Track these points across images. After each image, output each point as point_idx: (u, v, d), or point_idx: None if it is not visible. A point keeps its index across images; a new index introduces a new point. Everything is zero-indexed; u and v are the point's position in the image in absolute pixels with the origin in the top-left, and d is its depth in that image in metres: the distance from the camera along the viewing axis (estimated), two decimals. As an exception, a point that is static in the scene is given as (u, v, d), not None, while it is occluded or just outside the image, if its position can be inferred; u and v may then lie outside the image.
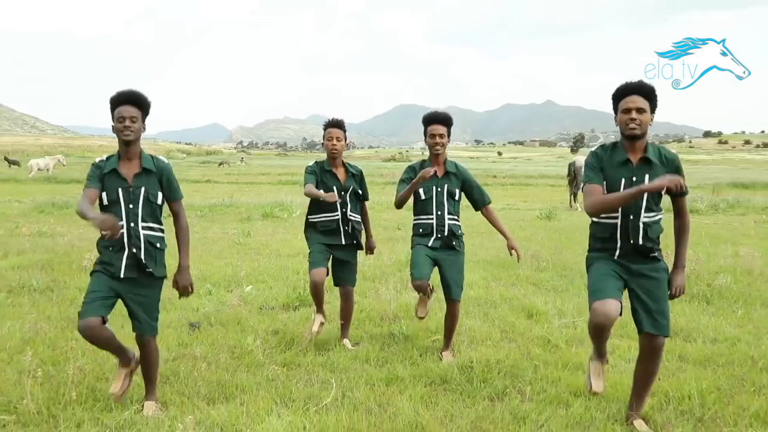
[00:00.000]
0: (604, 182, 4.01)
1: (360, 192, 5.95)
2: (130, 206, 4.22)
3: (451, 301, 5.61)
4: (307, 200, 5.87)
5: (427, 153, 5.77)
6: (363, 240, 6.15)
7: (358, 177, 5.93)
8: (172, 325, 6.49)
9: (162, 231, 4.41)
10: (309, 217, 5.90)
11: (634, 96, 3.92)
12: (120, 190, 4.22)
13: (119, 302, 4.31)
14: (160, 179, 4.36)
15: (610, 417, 4.31)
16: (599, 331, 4.02)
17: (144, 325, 4.33)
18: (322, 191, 5.57)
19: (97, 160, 4.34)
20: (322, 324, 5.81)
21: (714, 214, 19.46)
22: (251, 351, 5.62)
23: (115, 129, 4.22)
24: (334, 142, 5.70)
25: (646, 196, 3.92)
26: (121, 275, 4.19)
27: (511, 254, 5.73)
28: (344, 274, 5.95)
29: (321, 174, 5.81)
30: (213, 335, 6.17)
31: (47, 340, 5.93)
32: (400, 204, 5.61)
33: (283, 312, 7.14)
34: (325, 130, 5.78)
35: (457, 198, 5.60)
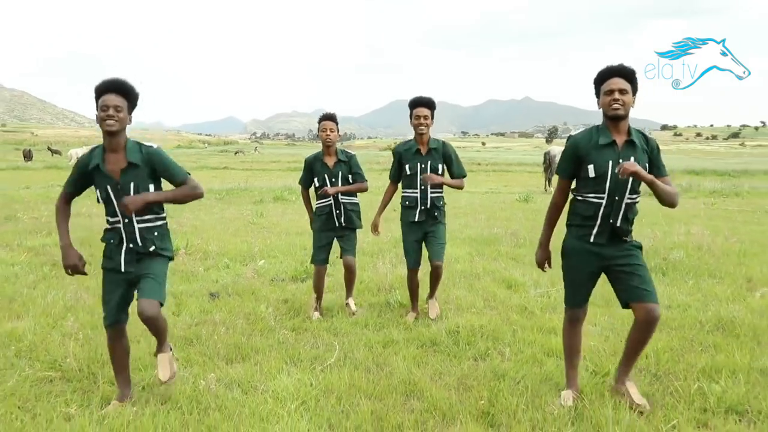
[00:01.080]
0: (591, 165, 3.70)
1: (350, 176, 5.85)
2: (133, 196, 3.69)
3: (434, 264, 5.68)
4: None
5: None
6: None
7: (347, 163, 5.84)
8: (195, 295, 6.51)
9: (162, 219, 3.90)
10: (314, 202, 5.94)
11: (615, 78, 3.67)
12: (108, 187, 3.72)
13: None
14: (153, 169, 3.75)
15: (579, 374, 4.31)
16: (570, 331, 4.00)
17: (146, 291, 3.73)
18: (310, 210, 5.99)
19: (80, 154, 3.85)
20: (318, 318, 5.77)
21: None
22: (264, 317, 5.64)
23: (98, 118, 3.62)
24: (328, 132, 5.68)
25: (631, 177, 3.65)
26: (122, 270, 3.79)
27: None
28: (345, 245, 5.92)
29: (314, 163, 5.83)
30: (230, 304, 6.19)
31: (86, 308, 5.97)
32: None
33: (291, 283, 7.17)
34: (320, 122, 5.76)
35: (439, 173, 5.62)
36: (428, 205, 5.60)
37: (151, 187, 3.77)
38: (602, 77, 3.73)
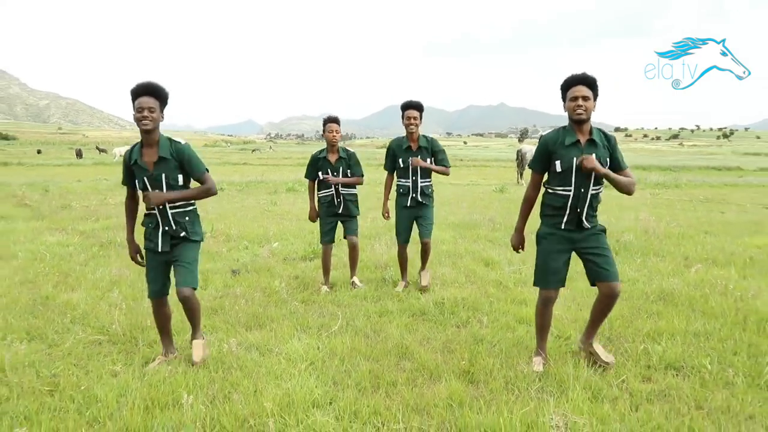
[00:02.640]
0: (558, 161, 3.64)
1: (350, 170, 5.79)
2: (156, 191, 3.70)
3: (423, 241, 5.74)
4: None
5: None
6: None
7: (347, 159, 5.78)
8: (219, 272, 6.49)
9: (192, 205, 3.87)
10: (318, 193, 5.89)
11: (579, 86, 3.58)
12: (145, 178, 3.70)
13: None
14: (180, 162, 3.73)
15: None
16: (544, 310, 3.87)
17: (181, 279, 3.77)
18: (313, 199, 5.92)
19: (122, 151, 3.81)
20: (326, 291, 5.75)
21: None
22: (278, 291, 5.63)
23: (135, 119, 3.62)
24: (334, 133, 5.64)
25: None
26: (159, 250, 3.79)
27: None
28: (348, 226, 5.90)
29: (318, 159, 5.79)
30: (249, 279, 6.17)
31: (129, 282, 5.97)
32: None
33: (301, 262, 7.15)
34: (325, 124, 5.69)
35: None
36: (419, 193, 5.61)
37: (180, 178, 3.75)
38: (568, 84, 3.64)
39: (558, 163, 3.66)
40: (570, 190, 3.66)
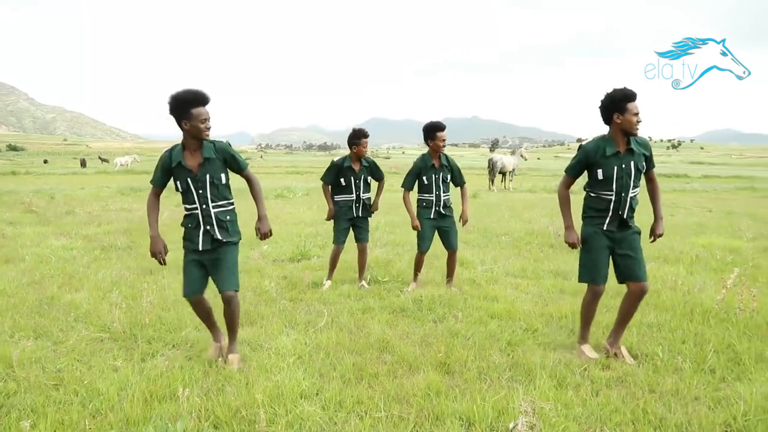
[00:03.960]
0: (600, 170, 3.63)
1: (371, 177, 5.84)
2: (200, 192, 3.54)
3: (451, 251, 5.72)
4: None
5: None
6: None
7: (368, 168, 5.81)
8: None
9: (231, 204, 3.72)
10: (334, 197, 5.82)
11: (636, 102, 3.51)
12: (189, 180, 3.51)
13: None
14: (224, 160, 3.60)
15: (515, 332, 4.35)
16: (593, 303, 3.87)
17: (226, 281, 3.64)
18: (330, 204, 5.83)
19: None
20: (329, 286, 5.75)
21: (583, 193, 19.63)
22: (268, 290, 5.57)
23: (194, 128, 3.40)
24: (365, 147, 5.66)
25: (633, 174, 3.62)
26: (200, 248, 3.60)
27: (462, 223, 5.75)
28: (360, 234, 5.88)
29: (342, 167, 5.72)
30: (241, 279, 6.00)
31: (128, 283, 5.88)
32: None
33: (289, 263, 7.09)
34: (359, 138, 5.63)
35: (448, 181, 5.66)
36: (441, 206, 5.63)
37: (223, 177, 3.60)
38: (628, 98, 3.52)
39: (600, 171, 3.66)
40: (612, 195, 3.67)
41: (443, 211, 5.64)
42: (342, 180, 5.73)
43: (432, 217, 5.63)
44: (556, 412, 2.99)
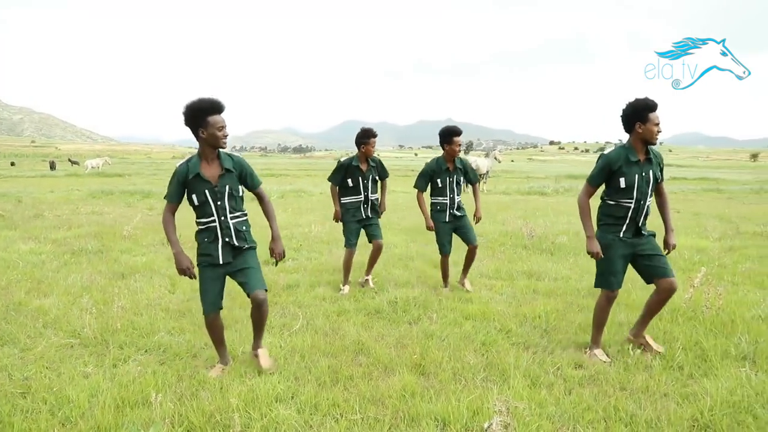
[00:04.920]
0: (622, 178, 3.66)
1: (378, 177, 5.83)
2: (218, 203, 3.46)
3: (472, 246, 5.73)
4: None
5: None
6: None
7: (375, 167, 5.78)
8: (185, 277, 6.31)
9: (245, 215, 3.68)
10: (342, 199, 5.77)
11: (657, 112, 3.57)
12: (207, 191, 3.43)
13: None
14: (240, 174, 3.56)
15: (489, 333, 4.38)
16: (607, 308, 3.91)
17: (254, 282, 3.57)
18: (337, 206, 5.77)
19: (178, 164, 3.45)
20: (346, 291, 5.71)
21: (556, 195, 19.96)
22: (242, 294, 5.47)
23: (211, 137, 3.34)
24: (373, 146, 5.64)
25: (651, 183, 3.69)
26: (221, 262, 3.52)
27: (475, 221, 5.82)
28: (373, 231, 5.82)
29: (349, 167, 5.68)
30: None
31: (99, 287, 5.75)
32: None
33: (264, 266, 6.99)
34: (368, 138, 5.59)
35: (461, 183, 5.69)
36: (455, 207, 5.65)
37: (240, 189, 3.58)
38: (650, 108, 3.58)
39: (622, 180, 3.69)
40: (631, 203, 3.71)
41: (457, 213, 5.69)
42: (350, 181, 5.69)
43: (447, 220, 5.67)
44: (530, 411, 3.02)
